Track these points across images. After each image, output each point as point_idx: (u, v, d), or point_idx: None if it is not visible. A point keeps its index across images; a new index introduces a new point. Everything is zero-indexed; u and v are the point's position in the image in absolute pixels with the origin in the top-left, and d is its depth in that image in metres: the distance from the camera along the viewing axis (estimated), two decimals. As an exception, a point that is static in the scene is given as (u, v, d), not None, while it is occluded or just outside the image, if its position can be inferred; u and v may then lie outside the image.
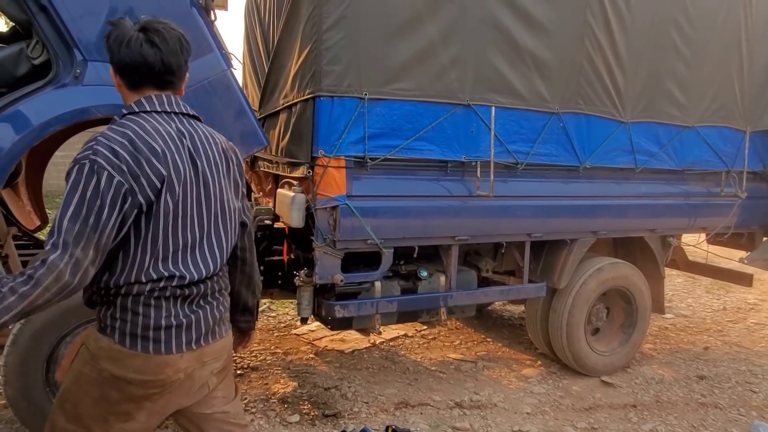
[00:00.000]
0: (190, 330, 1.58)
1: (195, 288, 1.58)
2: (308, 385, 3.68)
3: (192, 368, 1.59)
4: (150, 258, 1.49)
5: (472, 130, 3.29)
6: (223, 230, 1.65)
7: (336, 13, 2.88)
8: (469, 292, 3.67)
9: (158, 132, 1.50)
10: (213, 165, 1.61)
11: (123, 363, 1.50)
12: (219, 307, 1.67)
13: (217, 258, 1.63)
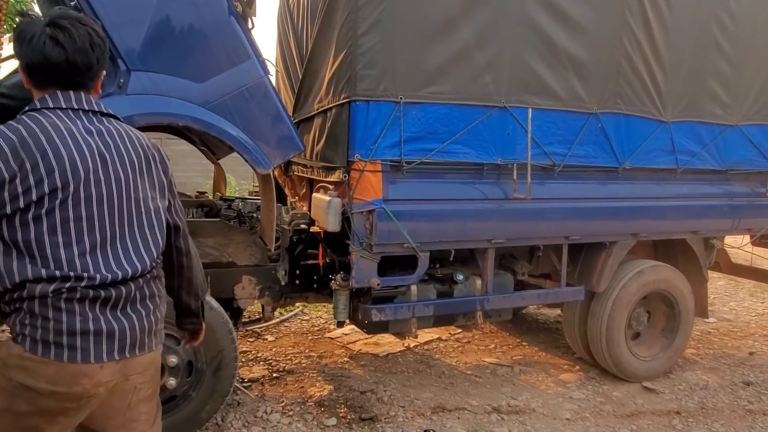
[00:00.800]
0: (113, 338, 1.44)
1: (114, 291, 1.45)
2: (344, 389, 3.69)
3: (114, 382, 1.47)
4: (48, 257, 1.38)
5: (508, 132, 3.25)
6: (142, 231, 1.54)
7: (371, 18, 2.88)
8: (506, 295, 3.63)
9: (56, 129, 1.41)
10: (128, 163, 1.52)
11: (34, 372, 1.38)
12: (150, 317, 1.54)
13: (137, 261, 1.50)
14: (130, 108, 2.55)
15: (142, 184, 1.56)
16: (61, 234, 1.39)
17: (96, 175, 1.45)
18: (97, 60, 1.51)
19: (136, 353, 1.50)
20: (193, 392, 2.81)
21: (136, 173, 1.54)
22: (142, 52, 2.56)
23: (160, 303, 1.61)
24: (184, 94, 2.65)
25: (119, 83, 2.55)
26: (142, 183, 1.56)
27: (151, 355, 1.57)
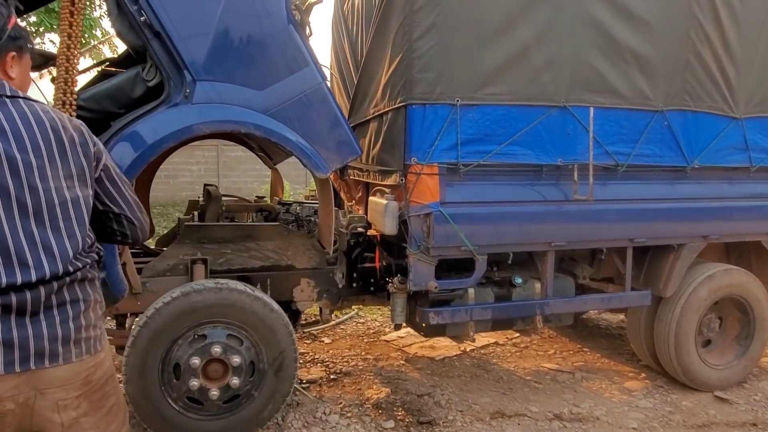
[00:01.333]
0: (11, 348, 1.28)
1: (15, 297, 1.29)
2: (401, 392, 3.69)
3: (23, 395, 1.31)
4: None
5: (568, 132, 3.17)
6: (55, 225, 1.35)
7: (427, 21, 2.88)
8: (567, 299, 3.54)
9: None
10: (30, 148, 1.32)
11: None
12: (68, 323, 1.37)
13: (47, 261, 1.32)
14: (196, 117, 2.66)
15: (53, 172, 1.35)
16: None
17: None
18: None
19: (45, 365, 1.32)
20: (255, 392, 2.88)
21: (43, 159, 1.33)
22: (206, 63, 2.66)
23: (87, 308, 1.42)
24: (246, 102, 2.73)
25: (185, 93, 2.66)
26: (53, 170, 1.35)
27: (71, 366, 1.37)
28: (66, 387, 1.37)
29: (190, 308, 2.75)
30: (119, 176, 1.57)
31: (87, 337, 1.41)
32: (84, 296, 1.42)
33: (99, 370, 1.45)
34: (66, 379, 1.37)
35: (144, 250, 3.90)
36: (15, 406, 1.31)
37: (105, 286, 2.62)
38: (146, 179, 4.24)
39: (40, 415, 1.35)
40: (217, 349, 2.76)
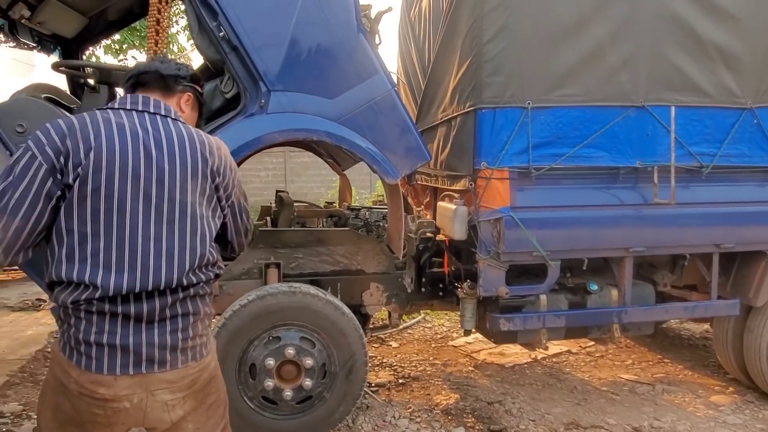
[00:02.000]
0: (127, 353, 1.40)
1: (134, 307, 1.40)
2: (470, 398, 3.65)
3: (137, 396, 1.42)
4: (74, 254, 1.38)
5: (647, 133, 3.04)
6: (183, 237, 1.46)
7: (497, 24, 2.85)
8: (646, 307, 3.38)
9: (107, 122, 1.44)
10: (178, 164, 1.46)
11: (65, 371, 1.42)
12: (177, 333, 1.46)
13: (165, 271, 1.42)
14: (271, 126, 2.75)
15: (192, 187, 1.49)
16: (90, 223, 1.38)
17: (136, 170, 1.42)
18: (178, 70, 1.65)
19: (154, 370, 1.43)
20: (327, 394, 2.94)
21: (186, 174, 1.47)
22: (280, 74, 2.75)
23: (195, 321, 1.51)
24: (318, 111, 2.80)
25: (260, 104, 2.76)
26: (192, 186, 1.49)
27: (177, 372, 1.47)
28: (173, 389, 1.48)
29: (265, 311, 2.84)
30: (240, 206, 1.70)
31: (193, 345, 1.51)
32: (194, 310, 1.51)
33: (204, 373, 1.55)
34: (173, 382, 1.47)
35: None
36: (130, 406, 1.42)
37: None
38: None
39: (152, 414, 1.46)
40: (290, 350, 2.84)
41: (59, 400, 1.45)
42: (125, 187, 1.40)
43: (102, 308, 1.38)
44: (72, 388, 1.41)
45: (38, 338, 4.68)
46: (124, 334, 1.40)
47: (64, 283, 1.39)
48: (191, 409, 1.53)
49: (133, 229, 1.41)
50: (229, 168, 1.62)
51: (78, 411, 1.43)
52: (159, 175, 1.44)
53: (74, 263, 1.38)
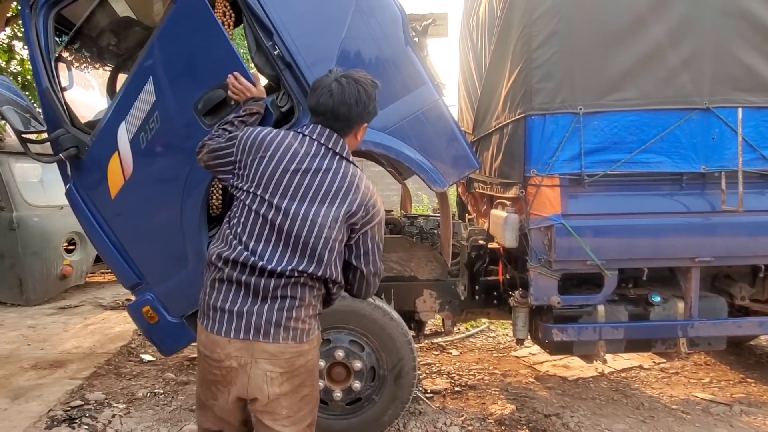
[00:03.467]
0: (240, 319, 1.73)
1: (253, 280, 1.73)
2: (527, 410, 3.57)
3: (243, 359, 1.73)
4: (225, 235, 1.81)
5: (713, 136, 2.87)
6: (306, 248, 1.76)
7: (547, 30, 2.82)
8: (717, 321, 3.16)
9: (288, 145, 1.81)
10: (330, 197, 1.78)
11: (199, 338, 1.82)
12: (282, 312, 1.75)
13: (287, 262, 1.74)
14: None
15: (333, 220, 1.77)
16: (240, 224, 1.79)
17: (286, 187, 1.77)
18: (357, 115, 1.87)
19: (259, 339, 1.73)
20: (376, 396, 3.00)
21: (332, 208, 1.78)
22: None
23: (300, 306, 1.78)
24: (367, 121, 2.88)
25: None
26: (333, 219, 1.77)
27: (277, 346, 1.74)
28: (272, 361, 1.75)
29: (320, 313, 2.95)
30: (374, 242, 1.92)
31: (294, 327, 1.77)
32: (300, 296, 1.78)
33: (301, 358, 1.80)
34: (273, 354, 1.75)
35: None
36: (238, 366, 1.74)
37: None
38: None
39: (254, 383, 1.75)
40: (340, 353, 2.93)
41: (200, 363, 1.86)
42: (280, 205, 1.76)
43: (230, 277, 1.76)
44: (201, 350, 1.81)
45: (124, 335, 5.12)
46: (243, 302, 1.75)
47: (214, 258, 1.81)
48: (287, 392, 1.78)
49: (277, 232, 1.79)
50: (366, 211, 1.85)
51: (204, 371, 1.82)
52: (303, 195, 1.78)
53: (230, 243, 1.81)
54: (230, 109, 2.68)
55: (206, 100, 2.70)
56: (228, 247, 1.79)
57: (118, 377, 4.13)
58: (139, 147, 2.83)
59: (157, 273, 2.98)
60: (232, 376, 1.75)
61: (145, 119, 2.79)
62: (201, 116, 2.72)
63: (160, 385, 3.99)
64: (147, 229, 2.96)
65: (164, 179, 2.90)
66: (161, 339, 3.04)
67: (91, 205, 2.92)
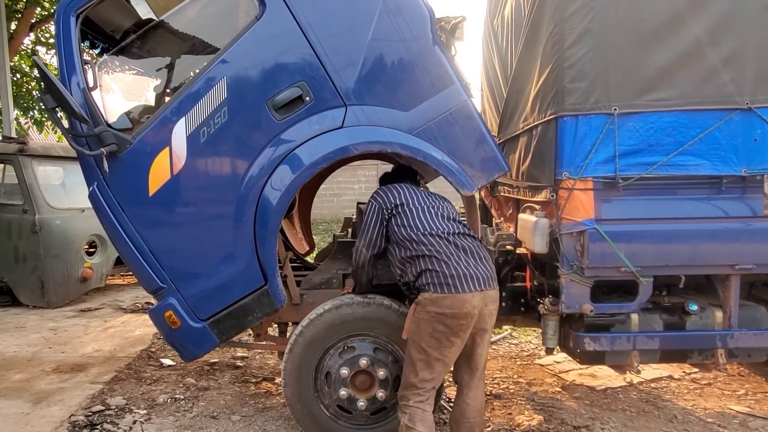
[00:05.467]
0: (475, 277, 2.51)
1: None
2: (555, 421, 3.46)
3: (480, 308, 2.48)
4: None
5: (755, 137, 2.74)
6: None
7: (579, 28, 2.72)
8: (758, 332, 3.02)
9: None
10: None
11: (438, 303, 2.44)
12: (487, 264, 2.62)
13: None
14: (346, 139, 2.80)
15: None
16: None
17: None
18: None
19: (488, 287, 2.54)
20: (401, 406, 2.91)
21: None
22: (356, 89, 2.80)
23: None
24: (393, 123, 2.81)
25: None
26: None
27: (494, 291, 2.59)
28: (495, 302, 2.60)
29: (341, 320, 2.89)
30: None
31: (494, 277, 2.63)
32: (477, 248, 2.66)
33: (497, 302, 2.64)
34: (495, 298, 2.60)
35: (304, 264, 4.21)
36: (478, 313, 2.50)
37: (267, 296, 2.88)
38: (308, 197, 4.59)
39: (484, 318, 2.55)
40: (364, 361, 2.86)
41: (434, 326, 2.45)
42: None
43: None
44: (446, 312, 2.43)
45: (144, 339, 5.10)
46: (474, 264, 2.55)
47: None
48: (491, 328, 2.64)
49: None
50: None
51: (450, 326, 2.45)
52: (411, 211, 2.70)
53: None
54: (303, 104, 2.78)
55: (283, 97, 2.75)
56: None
57: (138, 382, 4.10)
58: (197, 141, 2.82)
59: (191, 273, 2.93)
60: (471, 323, 2.50)
61: (211, 114, 2.81)
62: (274, 111, 2.78)
63: (181, 391, 3.95)
64: (187, 226, 2.92)
65: (221, 173, 2.88)
66: (183, 344, 2.99)
67: (117, 206, 2.88)
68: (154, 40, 3.37)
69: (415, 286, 2.58)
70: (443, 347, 2.47)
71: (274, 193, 2.81)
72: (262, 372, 4.35)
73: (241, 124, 2.84)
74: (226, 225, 2.87)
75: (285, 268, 3.20)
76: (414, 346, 2.52)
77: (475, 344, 2.60)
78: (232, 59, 2.83)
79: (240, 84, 2.82)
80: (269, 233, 2.83)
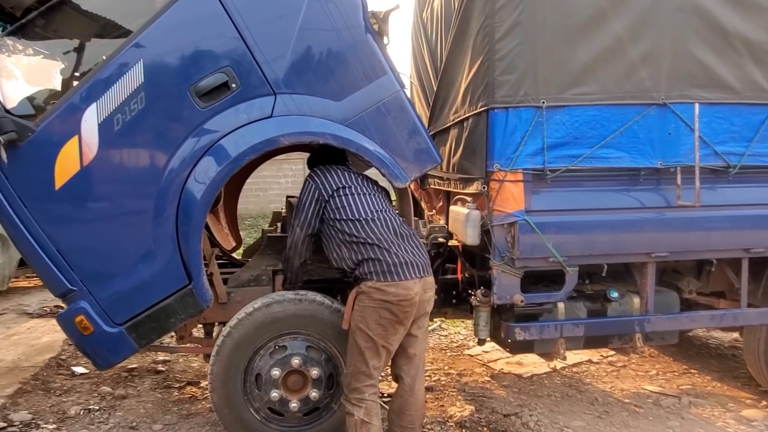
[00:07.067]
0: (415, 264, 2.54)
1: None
2: (486, 410, 3.51)
3: (419, 295, 2.51)
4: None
5: (669, 132, 2.90)
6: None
7: (509, 21, 2.75)
8: (671, 316, 3.21)
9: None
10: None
11: (384, 290, 2.45)
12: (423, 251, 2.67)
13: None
14: (276, 129, 2.67)
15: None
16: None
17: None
18: None
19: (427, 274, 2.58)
20: (335, 405, 2.84)
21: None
22: (286, 77, 2.68)
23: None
24: (325, 113, 2.72)
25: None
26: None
27: (431, 278, 2.62)
28: (432, 289, 2.65)
29: (271, 319, 2.76)
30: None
31: (430, 264, 2.67)
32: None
33: (434, 289, 2.68)
34: (432, 284, 2.64)
35: (231, 261, 4.02)
36: (419, 300, 2.52)
37: (191, 296, 2.70)
38: (234, 191, 4.39)
39: (424, 304, 2.59)
40: (296, 360, 2.75)
41: (380, 313, 2.46)
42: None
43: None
44: (392, 299, 2.44)
45: (53, 346, 4.68)
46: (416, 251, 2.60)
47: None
48: (427, 314, 2.68)
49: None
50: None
51: (395, 313, 2.46)
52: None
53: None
54: (229, 92, 2.62)
55: (207, 83, 2.59)
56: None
57: (46, 393, 3.75)
58: (110, 129, 2.58)
59: (105, 274, 2.69)
60: (413, 309, 2.52)
61: (126, 100, 2.58)
62: (197, 98, 2.60)
63: (95, 401, 3.66)
64: (100, 222, 2.67)
65: (138, 165, 2.66)
66: (96, 351, 2.75)
67: (18, 201, 2.59)
68: (62, 18, 3.06)
69: (354, 274, 2.54)
70: (389, 334, 2.48)
71: (198, 186, 2.63)
72: (185, 376, 4.12)
73: (160, 111, 2.64)
74: (145, 221, 2.66)
75: (210, 265, 3.03)
76: (360, 334, 2.50)
77: (412, 331, 2.61)
78: (150, 41, 2.62)
79: (159, 67, 2.62)
80: (193, 229, 2.66)
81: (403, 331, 2.55)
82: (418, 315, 2.58)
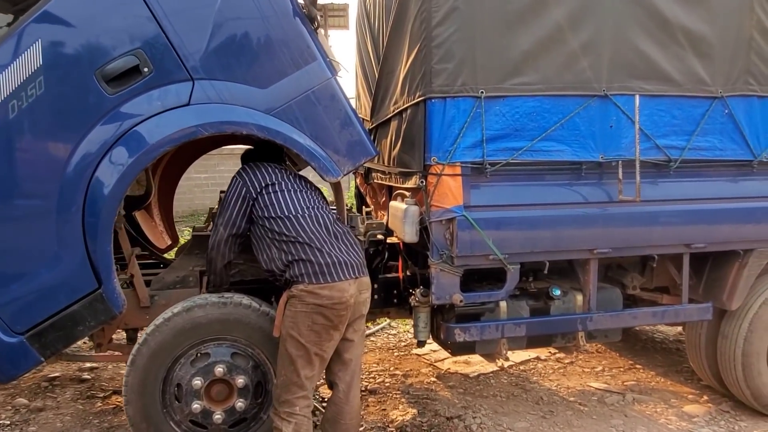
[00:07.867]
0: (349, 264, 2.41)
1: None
2: (429, 413, 3.39)
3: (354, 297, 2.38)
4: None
5: (610, 124, 2.82)
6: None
7: (447, 5, 2.60)
8: (614, 313, 3.14)
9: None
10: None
11: (317, 294, 2.30)
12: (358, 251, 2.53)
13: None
14: (195, 118, 2.45)
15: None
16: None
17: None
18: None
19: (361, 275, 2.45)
20: (263, 414, 2.65)
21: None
22: (205, 61, 2.46)
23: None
24: (249, 102, 2.51)
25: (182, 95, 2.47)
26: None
27: (366, 278, 2.49)
28: (368, 290, 2.52)
29: (192, 324, 2.55)
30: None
31: (365, 264, 2.54)
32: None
33: (370, 290, 2.55)
34: (368, 285, 2.52)
35: (162, 261, 3.76)
36: (353, 302, 2.39)
37: (101, 302, 2.46)
38: (168, 189, 4.13)
39: (359, 306, 2.46)
40: (220, 369, 2.55)
41: (313, 318, 2.30)
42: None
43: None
44: (325, 303, 2.29)
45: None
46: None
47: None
48: (364, 317, 2.55)
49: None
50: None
51: (329, 318, 2.32)
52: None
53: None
54: (141, 76, 2.39)
55: (115, 67, 2.36)
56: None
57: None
58: (5, 117, 2.32)
59: (1, 279, 2.42)
60: (349, 313, 2.39)
61: (23, 85, 2.32)
62: (104, 83, 2.36)
63: (8, 415, 3.36)
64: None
65: (38, 157, 2.40)
66: (-7, 364, 2.47)
67: None
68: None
69: (285, 277, 2.37)
70: (323, 341, 2.34)
71: (107, 179, 2.39)
72: (113, 384, 3.85)
73: (62, 97, 2.38)
74: (47, 219, 2.40)
75: (130, 266, 2.79)
76: (291, 342, 2.33)
77: (348, 335, 2.46)
78: (49, 18, 2.36)
79: (59, 48, 2.37)
80: (102, 227, 2.41)
81: (338, 337, 2.40)
82: (353, 318, 2.44)
